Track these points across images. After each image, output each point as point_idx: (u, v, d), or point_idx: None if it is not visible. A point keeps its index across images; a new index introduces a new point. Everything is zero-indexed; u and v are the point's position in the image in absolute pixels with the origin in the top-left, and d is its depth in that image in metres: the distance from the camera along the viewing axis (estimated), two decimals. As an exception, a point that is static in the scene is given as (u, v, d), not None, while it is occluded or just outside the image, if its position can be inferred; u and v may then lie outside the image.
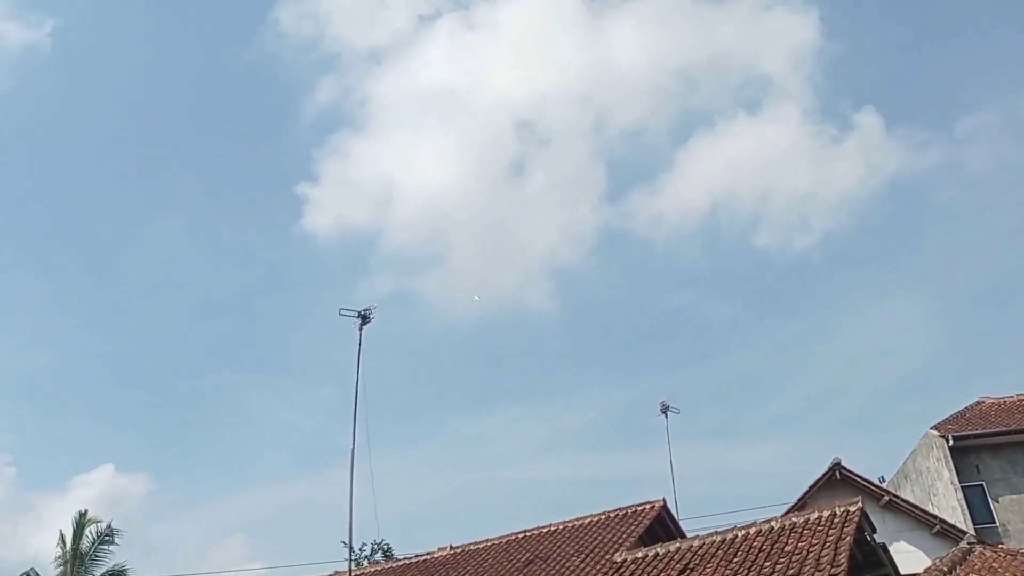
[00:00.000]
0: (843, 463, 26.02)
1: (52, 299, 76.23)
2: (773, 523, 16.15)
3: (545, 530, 22.40)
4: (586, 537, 21.05)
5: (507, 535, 22.79)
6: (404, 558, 25.03)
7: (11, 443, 76.23)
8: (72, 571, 32.49)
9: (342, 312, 20.91)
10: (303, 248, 78.37)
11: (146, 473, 77.49)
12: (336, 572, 25.79)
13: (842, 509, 15.28)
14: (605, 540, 20.17)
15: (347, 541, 29.09)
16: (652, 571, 16.37)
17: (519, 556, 21.00)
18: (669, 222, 75.83)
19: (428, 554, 23.97)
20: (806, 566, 13.34)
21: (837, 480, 25.78)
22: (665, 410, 27.79)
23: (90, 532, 33.19)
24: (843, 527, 14.42)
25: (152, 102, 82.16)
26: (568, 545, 20.81)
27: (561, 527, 22.34)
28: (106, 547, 33.49)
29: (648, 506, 21.77)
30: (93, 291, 77.84)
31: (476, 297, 77.34)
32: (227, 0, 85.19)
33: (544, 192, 77.25)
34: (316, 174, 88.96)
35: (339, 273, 79.04)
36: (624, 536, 20.04)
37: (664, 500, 22.01)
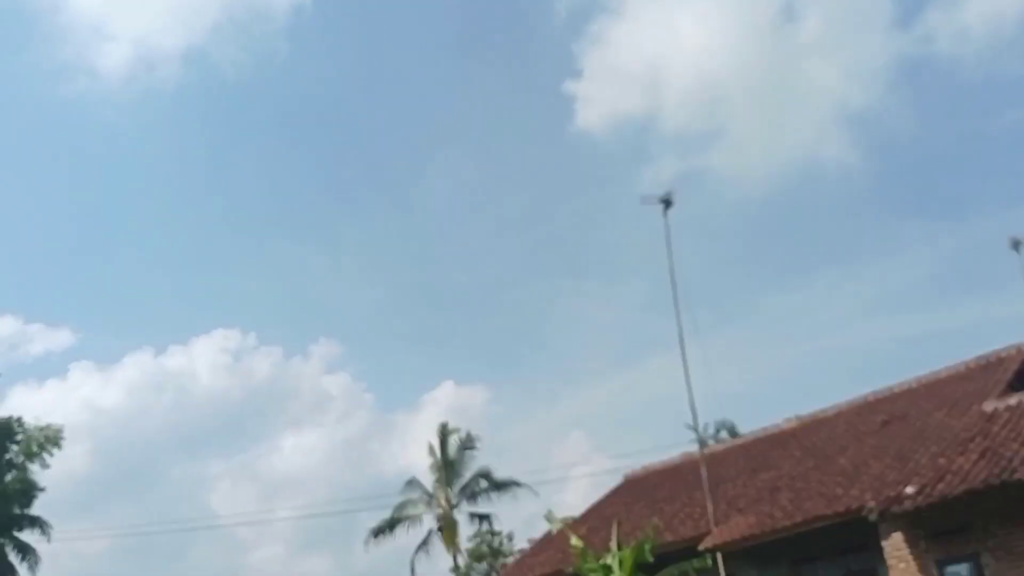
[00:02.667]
0: None
1: (371, 240, 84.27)
2: None
3: (897, 389, 21.17)
4: (945, 391, 19.62)
5: (856, 399, 21.84)
6: (750, 433, 24.94)
7: (366, 372, 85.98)
8: (445, 476, 36.42)
9: (643, 200, 20.78)
10: (581, 147, 78.90)
11: (482, 384, 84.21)
12: (684, 453, 26.39)
13: None
14: (968, 391, 18.66)
15: (690, 423, 29.52)
16: (1034, 417, 14.88)
17: (873, 418, 20.08)
18: (977, 35, 66.49)
19: (775, 427, 23.69)
20: None
21: None
22: (1016, 245, 24.70)
23: (453, 440, 36.87)
24: None
25: (418, 34, 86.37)
26: (926, 401, 19.53)
27: (915, 384, 20.98)
28: (469, 451, 37.09)
29: (1014, 351, 19.73)
30: (404, 227, 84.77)
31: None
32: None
33: (822, 34, 70.75)
34: (580, 69, 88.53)
35: (621, 165, 78.69)
36: (989, 385, 18.38)
37: (1029, 343, 19.85)
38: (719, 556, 17.35)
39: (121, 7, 77.82)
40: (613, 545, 15.34)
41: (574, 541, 15.65)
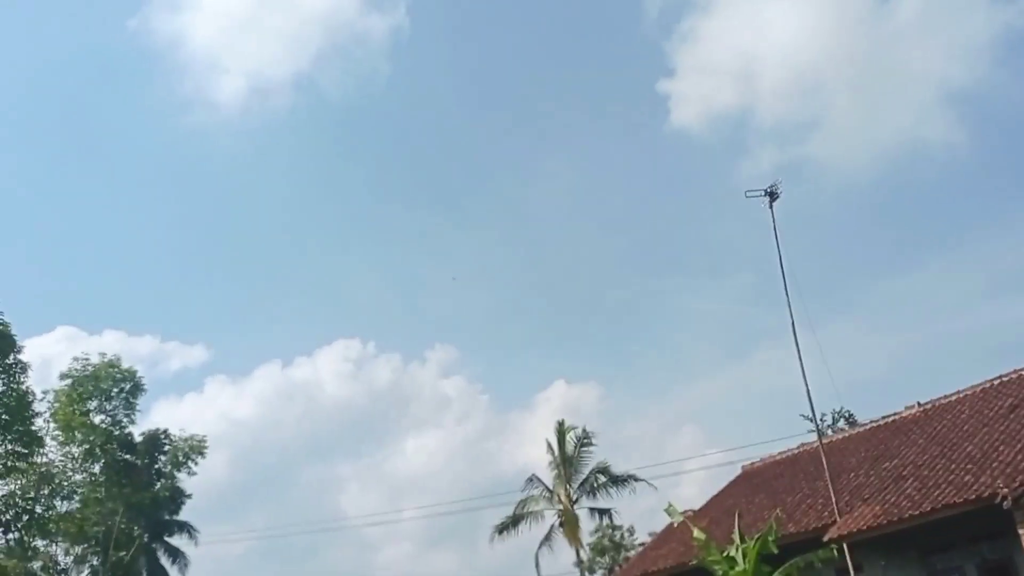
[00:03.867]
0: None
1: (481, 247, 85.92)
2: None
3: (1025, 372, 20.51)
4: (1077, 372, 18.94)
5: (980, 384, 21.28)
6: (870, 422, 24.56)
7: (480, 374, 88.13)
8: (564, 472, 37.00)
9: (748, 194, 20.76)
10: (678, 144, 78.49)
11: (593, 381, 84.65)
12: (802, 444, 26.21)
13: None
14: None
15: (806, 414, 29.28)
16: None
17: (999, 403, 19.57)
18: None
19: (895, 415, 23.29)
20: None
21: None
22: None
23: (570, 438, 37.40)
24: None
25: (512, 45, 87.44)
26: (1057, 383, 18.91)
27: (1044, 366, 20.30)
28: (586, 448, 37.55)
29: None
30: (512, 233, 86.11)
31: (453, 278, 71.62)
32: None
33: (919, 14, 68.33)
34: (672, 67, 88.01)
35: (719, 160, 77.94)
36: None
37: None
38: (845, 547, 17.33)
39: (234, 42, 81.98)
40: (736, 537, 15.54)
41: (697, 533, 15.91)
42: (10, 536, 32.40)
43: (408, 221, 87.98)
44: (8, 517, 32.30)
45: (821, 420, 33.88)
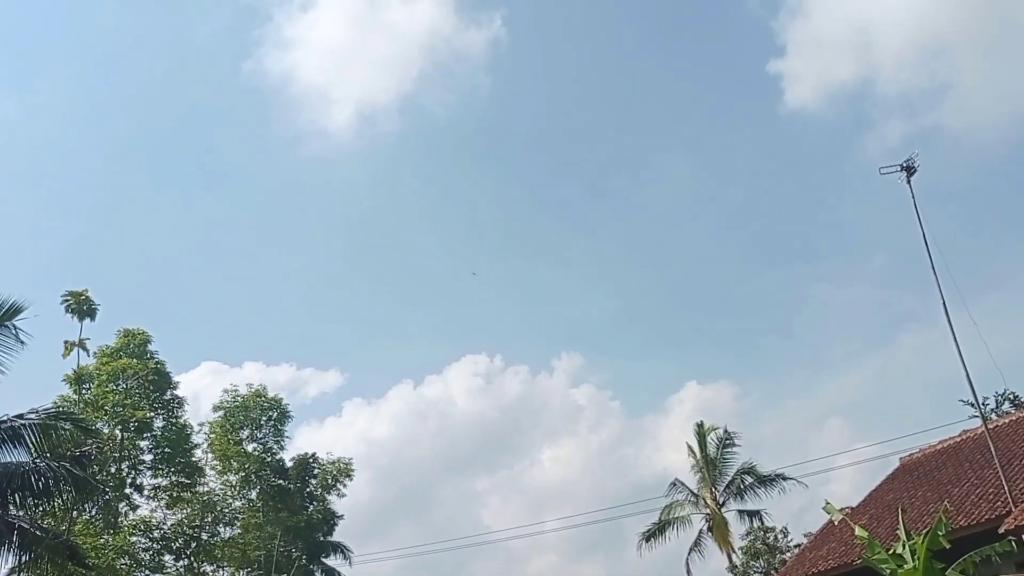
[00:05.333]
0: None
1: (600, 251, 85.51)
2: None
3: None
4: None
5: None
6: (1040, 402, 22.85)
7: (609, 381, 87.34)
8: (709, 475, 36.11)
9: (882, 171, 19.71)
10: (795, 125, 75.77)
11: (726, 380, 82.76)
12: (963, 431, 24.64)
13: None
14: None
15: (966, 399, 27.61)
16: None
17: None
18: None
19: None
20: None
21: None
22: None
23: (712, 439, 36.50)
24: None
25: (614, 43, 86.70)
26: None
27: None
28: (729, 449, 36.54)
29: None
30: (629, 234, 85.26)
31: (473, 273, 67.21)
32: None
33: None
34: (782, 46, 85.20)
35: (841, 137, 74.83)
36: None
37: None
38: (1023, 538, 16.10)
39: (340, 72, 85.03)
40: (901, 533, 14.66)
41: (859, 531, 15.10)
42: (181, 563, 34.30)
43: (525, 232, 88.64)
44: (178, 545, 34.19)
45: (984, 404, 31.78)
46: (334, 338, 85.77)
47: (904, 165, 19.12)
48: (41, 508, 22.37)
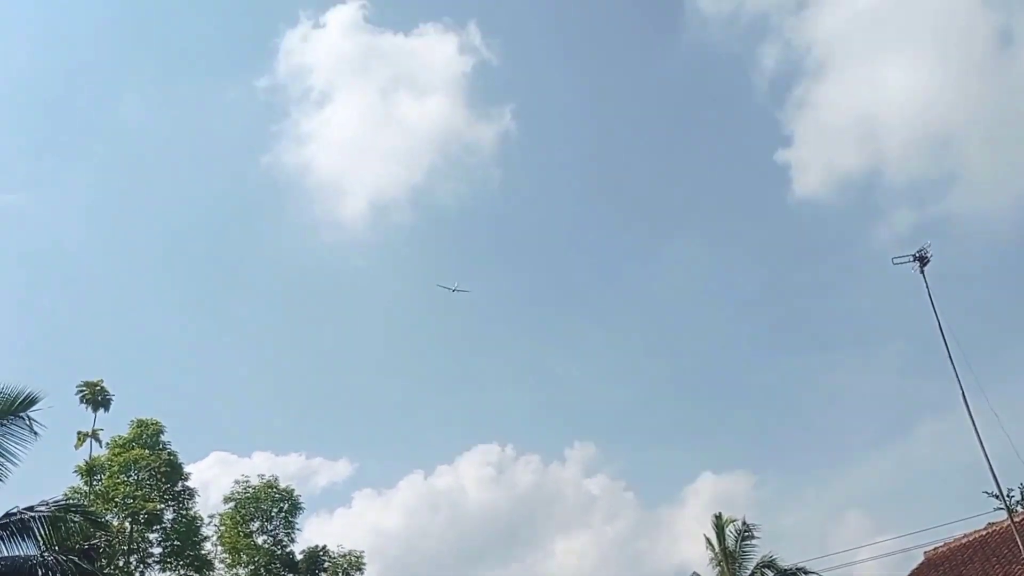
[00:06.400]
0: None
1: (613, 340, 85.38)
2: None
3: None
4: None
5: None
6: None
7: (623, 471, 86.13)
8: (728, 568, 35.12)
9: (895, 261, 19.89)
10: (805, 214, 76.58)
11: (743, 470, 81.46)
12: (989, 524, 24.02)
13: None
14: None
15: (991, 490, 26.98)
16: None
17: None
18: None
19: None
20: None
21: None
22: None
23: (730, 531, 35.61)
24: None
25: (622, 132, 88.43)
26: None
27: None
28: (748, 542, 35.60)
29: None
30: (642, 323, 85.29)
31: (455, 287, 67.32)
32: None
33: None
34: (789, 135, 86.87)
35: (851, 226, 75.51)
36: None
37: None
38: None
39: (354, 164, 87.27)
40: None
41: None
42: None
43: (537, 320, 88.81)
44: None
45: (1008, 496, 31.07)
46: (344, 427, 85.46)
47: (917, 255, 19.27)
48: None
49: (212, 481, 56.14)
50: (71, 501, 24.30)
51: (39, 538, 19.02)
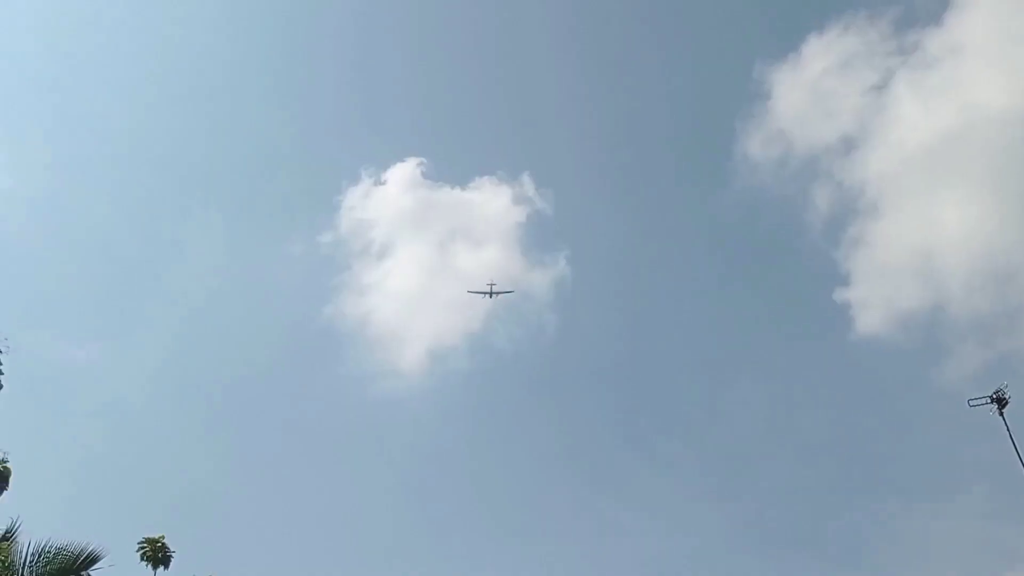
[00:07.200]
0: None
1: (675, 488, 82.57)
2: None
3: None
4: None
5: None
6: None
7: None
8: None
9: (971, 403, 19.20)
10: (869, 352, 75.08)
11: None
12: None
13: None
14: None
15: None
16: None
17: None
18: None
19: None
20: None
21: None
22: None
23: None
24: None
25: (680, 275, 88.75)
26: None
27: None
28: None
29: None
30: (706, 469, 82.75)
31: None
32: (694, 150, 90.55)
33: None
34: (847, 274, 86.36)
35: (918, 364, 73.56)
36: None
37: None
38: None
39: (412, 314, 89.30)
40: None
41: None
42: None
43: (596, 464, 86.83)
44: None
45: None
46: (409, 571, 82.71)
47: (995, 397, 18.60)
48: None
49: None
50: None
51: None
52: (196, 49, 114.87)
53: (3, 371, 21.18)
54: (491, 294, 76.01)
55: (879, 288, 72.34)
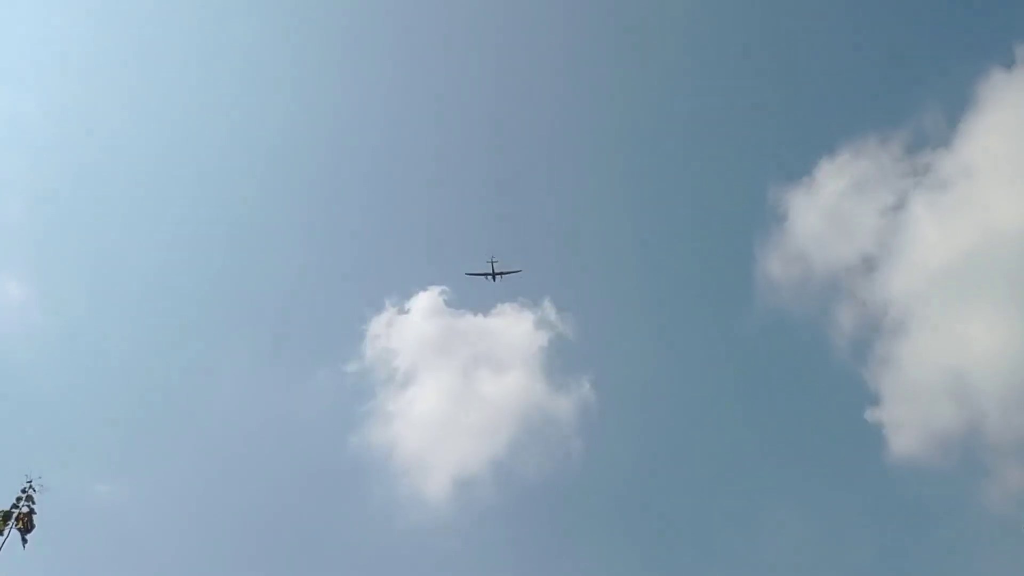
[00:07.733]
0: None
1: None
2: None
3: None
4: None
5: None
6: None
7: None
8: None
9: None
10: (906, 474, 73.01)
11: None
12: None
13: None
14: None
15: None
16: None
17: None
18: None
19: None
20: None
21: None
22: None
23: None
24: None
25: (704, 388, 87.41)
26: None
27: None
28: None
29: None
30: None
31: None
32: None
33: None
34: (876, 393, 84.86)
35: (957, 484, 71.11)
36: None
37: None
38: None
39: (437, 440, 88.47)
40: None
41: None
42: None
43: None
44: None
45: None
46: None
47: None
48: None
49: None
50: None
51: None
52: (228, 180, 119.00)
53: (36, 510, 21.04)
54: (493, 275, 73.48)
55: (911, 407, 71.17)
